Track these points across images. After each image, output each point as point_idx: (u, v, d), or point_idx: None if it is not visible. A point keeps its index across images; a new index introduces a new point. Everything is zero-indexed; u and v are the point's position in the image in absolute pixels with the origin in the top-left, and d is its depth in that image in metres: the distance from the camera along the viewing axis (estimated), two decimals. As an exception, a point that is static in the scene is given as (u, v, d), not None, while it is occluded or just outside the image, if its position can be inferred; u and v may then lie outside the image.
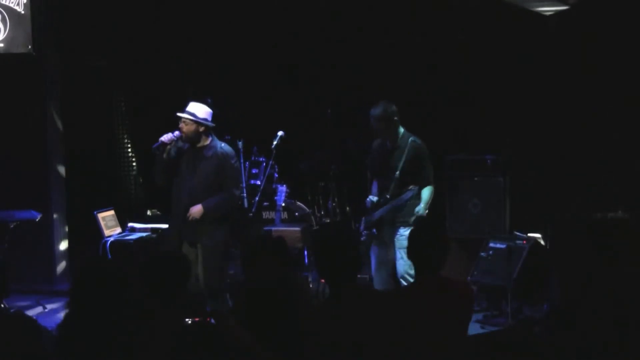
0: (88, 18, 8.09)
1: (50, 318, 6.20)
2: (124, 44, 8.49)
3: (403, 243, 5.57)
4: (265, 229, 6.79)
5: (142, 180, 9.22)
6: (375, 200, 5.94)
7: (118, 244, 6.98)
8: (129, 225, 7.31)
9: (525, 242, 6.36)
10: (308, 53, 8.19)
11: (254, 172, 7.06)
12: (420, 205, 5.78)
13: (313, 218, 7.44)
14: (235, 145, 6.92)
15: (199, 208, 5.75)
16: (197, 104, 5.83)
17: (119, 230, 7.28)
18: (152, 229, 7.19)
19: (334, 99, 7.92)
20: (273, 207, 7.06)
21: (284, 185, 7.03)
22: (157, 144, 5.77)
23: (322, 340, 3.37)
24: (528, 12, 7.21)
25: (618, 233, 5.96)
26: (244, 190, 5.94)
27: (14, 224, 6.94)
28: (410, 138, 5.85)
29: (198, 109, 5.80)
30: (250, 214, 6.32)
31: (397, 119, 5.86)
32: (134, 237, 7.09)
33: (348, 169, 7.53)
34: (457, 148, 7.28)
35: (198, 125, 5.78)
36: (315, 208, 7.79)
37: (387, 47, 7.92)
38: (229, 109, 6.40)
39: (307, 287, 6.42)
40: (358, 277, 3.69)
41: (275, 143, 6.68)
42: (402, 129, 5.91)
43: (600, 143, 6.75)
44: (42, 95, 7.76)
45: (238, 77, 8.28)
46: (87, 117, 8.67)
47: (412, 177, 5.82)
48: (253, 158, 7.17)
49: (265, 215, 7.27)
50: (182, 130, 5.78)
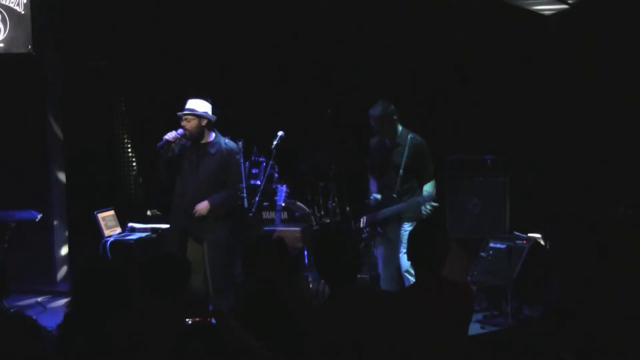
0: (88, 18, 8.09)
1: (50, 318, 6.19)
2: (124, 44, 8.49)
3: None
4: (265, 229, 6.79)
5: (142, 180, 9.22)
6: (380, 198, 5.95)
7: (118, 244, 6.97)
8: (129, 225, 7.30)
9: (525, 242, 6.35)
10: (308, 53, 8.19)
11: (254, 172, 7.05)
12: (429, 201, 5.83)
13: (313, 218, 7.44)
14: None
15: (205, 204, 5.77)
16: (195, 100, 5.86)
17: (119, 230, 7.27)
18: (152, 229, 7.18)
19: (334, 99, 7.91)
20: (273, 207, 7.06)
21: (284, 185, 7.03)
22: (161, 143, 5.78)
23: (322, 340, 3.37)
24: (528, 12, 7.21)
25: (618, 233, 5.98)
26: (244, 190, 5.93)
27: (14, 224, 6.94)
28: (410, 135, 5.90)
29: (197, 104, 5.84)
30: (250, 214, 6.31)
31: (395, 118, 5.89)
32: (134, 237, 7.08)
33: (348, 169, 7.53)
34: (457, 148, 7.28)
35: (200, 120, 5.81)
36: (315, 208, 7.78)
37: (387, 47, 7.92)
38: (229, 109, 6.39)
39: (307, 287, 6.42)
40: (358, 277, 3.68)
41: (275, 143, 6.67)
42: (400, 127, 5.94)
43: (600, 143, 6.74)
44: (42, 95, 7.76)
45: (238, 77, 8.27)
46: (87, 117, 8.66)
47: (414, 173, 5.90)
48: (253, 158, 7.16)
49: (265, 215, 7.26)
50: (185, 128, 5.80)
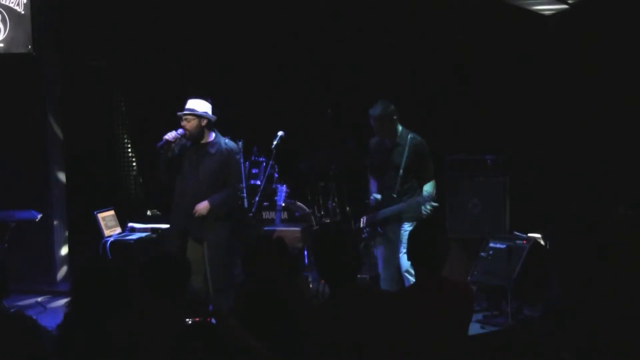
0: (88, 18, 8.08)
1: (50, 318, 6.20)
2: (124, 44, 8.49)
3: None
4: (265, 229, 6.79)
5: (142, 180, 9.22)
6: (380, 198, 5.95)
7: (118, 244, 6.97)
8: (129, 225, 7.30)
9: (525, 242, 6.35)
10: (308, 53, 8.18)
11: (254, 172, 7.05)
12: (429, 201, 5.85)
13: (313, 218, 7.43)
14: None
15: (206, 204, 5.78)
16: (195, 100, 5.87)
17: (119, 230, 7.27)
18: (152, 229, 7.18)
19: (334, 99, 7.91)
20: (273, 207, 7.06)
21: (284, 185, 7.02)
22: (161, 143, 5.78)
23: (322, 340, 3.37)
24: (528, 12, 7.21)
25: (618, 233, 5.98)
26: (244, 190, 5.93)
27: (14, 224, 6.94)
28: (410, 135, 5.90)
29: (197, 104, 5.84)
30: (250, 214, 6.32)
31: (395, 118, 5.89)
32: (134, 237, 7.08)
33: (348, 169, 7.53)
34: (457, 148, 7.28)
35: (200, 120, 5.82)
36: (315, 208, 7.78)
37: (387, 47, 7.92)
38: (229, 109, 6.39)
39: (307, 287, 6.42)
40: (358, 277, 3.68)
41: (275, 143, 6.67)
42: (400, 127, 5.94)
43: (600, 143, 6.74)
44: (42, 95, 7.76)
45: (238, 77, 8.27)
46: (87, 117, 8.66)
47: (414, 173, 5.91)
48: (253, 158, 7.16)
49: (265, 215, 7.26)
50: (185, 128, 5.80)
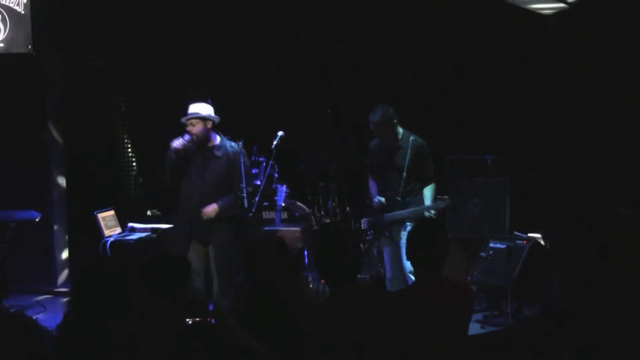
0: (88, 18, 8.08)
1: (50, 318, 6.20)
2: (124, 44, 8.49)
3: None
4: (265, 229, 6.79)
5: (142, 180, 9.22)
6: (384, 201, 5.96)
7: (118, 244, 6.97)
8: (129, 225, 7.30)
9: (525, 242, 6.35)
10: (308, 53, 8.19)
11: (254, 172, 7.05)
12: (424, 205, 5.89)
13: (313, 218, 7.44)
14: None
15: (214, 207, 5.78)
16: (197, 104, 5.89)
17: (119, 230, 7.27)
18: (152, 229, 7.18)
19: (334, 99, 7.92)
20: (273, 207, 7.06)
21: (284, 185, 7.02)
22: (170, 151, 5.80)
23: (322, 340, 3.37)
24: (528, 12, 7.21)
25: (618, 233, 5.98)
26: (244, 190, 5.94)
27: (14, 224, 6.94)
28: (411, 137, 5.92)
29: (200, 108, 5.87)
30: (250, 214, 6.32)
31: (395, 121, 5.91)
32: (134, 237, 7.08)
33: (348, 169, 7.53)
34: (457, 148, 7.29)
35: (205, 123, 5.83)
36: (315, 208, 7.78)
37: (387, 47, 7.92)
38: (229, 109, 6.39)
39: (307, 287, 6.42)
40: (358, 277, 3.68)
41: (275, 143, 6.67)
42: (401, 129, 5.95)
43: (600, 143, 6.74)
44: (42, 95, 7.76)
45: (238, 77, 8.27)
46: (87, 117, 8.66)
47: (416, 175, 5.91)
48: (253, 158, 7.16)
49: (265, 215, 7.26)
50: (191, 133, 5.80)
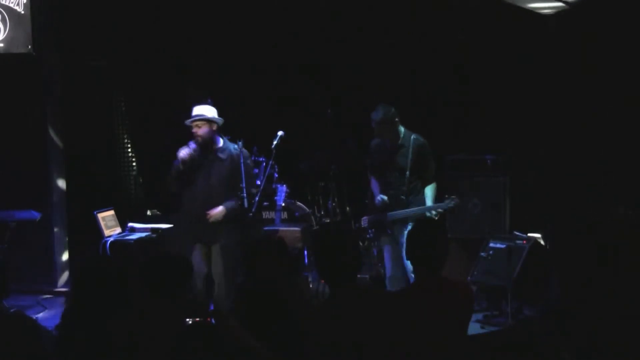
0: (88, 18, 8.09)
1: (50, 318, 6.20)
2: (124, 44, 8.49)
3: None
4: (265, 229, 6.79)
5: (142, 180, 9.22)
6: (387, 199, 5.95)
7: (118, 244, 6.96)
8: (129, 225, 7.30)
9: (525, 242, 6.35)
10: (308, 53, 8.19)
11: (254, 172, 7.05)
12: (432, 205, 5.91)
13: (313, 218, 7.44)
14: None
15: (222, 209, 5.79)
16: (200, 106, 5.88)
17: (119, 230, 7.26)
18: (152, 229, 7.18)
19: (334, 99, 7.92)
20: (273, 207, 7.05)
21: (284, 185, 7.02)
22: (177, 162, 5.80)
23: (322, 340, 3.37)
24: (528, 12, 7.21)
25: (618, 233, 5.98)
26: (244, 190, 5.94)
27: (14, 224, 6.94)
28: (412, 136, 5.93)
29: (204, 110, 5.86)
30: (250, 214, 6.32)
31: (397, 120, 5.92)
32: (134, 237, 7.07)
33: (348, 169, 7.53)
34: (457, 148, 7.29)
35: (211, 125, 5.82)
36: (315, 208, 7.78)
37: (387, 47, 7.92)
38: (229, 109, 6.39)
39: (307, 287, 6.42)
40: (358, 277, 3.68)
41: (275, 143, 6.67)
42: (402, 128, 5.96)
43: (600, 143, 6.74)
44: (42, 95, 7.76)
45: (238, 77, 8.27)
46: (87, 117, 8.66)
47: (418, 174, 5.92)
48: (253, 158, 7.16)
49: (265, 215, 7.26)
50: (197, 135, 5.80)
